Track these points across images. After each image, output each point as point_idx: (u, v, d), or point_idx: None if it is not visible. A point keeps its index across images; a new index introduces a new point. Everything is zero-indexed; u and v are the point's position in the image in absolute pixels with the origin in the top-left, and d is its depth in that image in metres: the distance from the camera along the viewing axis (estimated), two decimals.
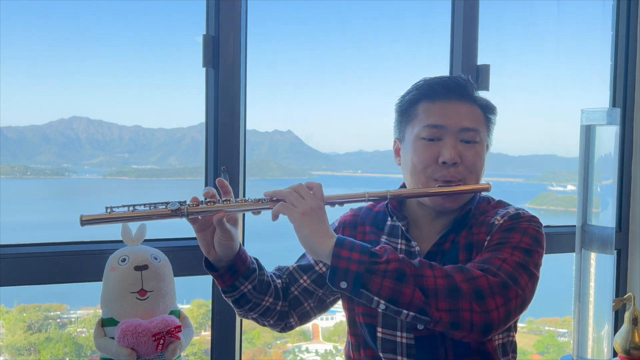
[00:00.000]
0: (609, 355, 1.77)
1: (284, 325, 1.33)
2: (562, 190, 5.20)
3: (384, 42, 7.63)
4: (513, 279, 1.08)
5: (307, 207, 1.08)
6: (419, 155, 1.22)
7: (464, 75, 1.29)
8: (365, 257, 1.03)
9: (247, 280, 1.21)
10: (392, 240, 1.29)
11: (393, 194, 1.19)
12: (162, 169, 5.25)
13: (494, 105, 1.29)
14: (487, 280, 1.05)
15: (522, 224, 1.19)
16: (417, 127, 1.24)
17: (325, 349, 3.96)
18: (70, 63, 5.34)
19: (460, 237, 1.23)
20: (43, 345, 3.20)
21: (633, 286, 2.31)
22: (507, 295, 1.06)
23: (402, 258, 1.06)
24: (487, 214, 1.25)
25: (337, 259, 1.03)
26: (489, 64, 2.05)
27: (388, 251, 1.06)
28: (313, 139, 8.54)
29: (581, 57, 4.86)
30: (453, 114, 1.22)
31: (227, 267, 1.19)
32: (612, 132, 1.74)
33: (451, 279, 1.04)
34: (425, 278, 1.03)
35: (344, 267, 1.03)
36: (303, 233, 1.07)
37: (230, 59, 1.73)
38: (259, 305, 1.24)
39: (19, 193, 4.88)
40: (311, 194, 1.12)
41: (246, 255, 1.22)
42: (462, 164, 1.21)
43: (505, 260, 1.11)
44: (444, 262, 1.21)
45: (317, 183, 1.14)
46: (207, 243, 1.17)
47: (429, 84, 1.26)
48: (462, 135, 1.22)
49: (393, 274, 1.02)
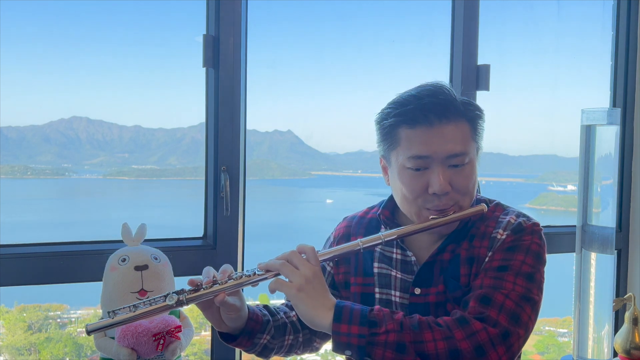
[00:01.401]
0: (609, 355, 1.77)
1: (311, 349, 1.34)
2: (562, 190, 5.20)
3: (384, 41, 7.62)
4: (515, 319, 1.08)
5: (303, 280, 1.07)
6: (407, 187, 1.17)
7: (443, 84, 1.19)
8: (365, 329, 1.04)
9: (265, 333, 1.21)
10: (387, 250, 1.27)
11: (386, 236, 1.17)
12: (162, 169, 5.25)
13: (480, 110, 1.20)
14: (487, 334, 1.05)
15: (524, 240, 1.17)
16: (401, 156, 1.17)
17: (325, 349, 3.96)
18: (70, 63, 5.33)
19: (461, 250, 1.21)
20: (43, 345, 3.20)
21: (633, 286, 2.31)
22: (509, 342, 1.06)
23: (400, 325, 1.05)
24: (487, 222, 1.22)
25: (338, 335, 1.05)
26: (489, 64, 2.05)
27: (386, 318, 1.06)
28: (313, 139, 8.55)
29: (581, 57, 4.85)
30: (437, 140, 1.14)
31: (242, 334, 1.19)
32: (612, 132, 1.74)
33: (451, 340, 1.04)
34: (425, 344, 1.04)
35: (345, 341, 1.05)
36: (301, 309, 1.07)
37: (230, 59, 1.73)
38: (282, 347, 1.26)
39: (19, 193, 4.88)
40: (304, 261, 1.10)
41: (257, 313, 1.21)
42: (453, 191, 1.16)
43: (509, 294, 1.10)
44: (444, 274, 1.20)
45: (309, 247, 1.12)
46: (216, 319, 1.16)
47: (407, 109, 1.15)
48: (449, 162, 1.15)
49: (393, 346, 1.03)
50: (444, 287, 1.20)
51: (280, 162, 6.23)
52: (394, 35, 7.18)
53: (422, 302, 1.21)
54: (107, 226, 4.87)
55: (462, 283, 1.19)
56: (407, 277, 1.24)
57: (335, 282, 1.33)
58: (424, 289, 1.22)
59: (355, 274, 1.30)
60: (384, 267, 1.27)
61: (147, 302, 1.09)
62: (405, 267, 1.25)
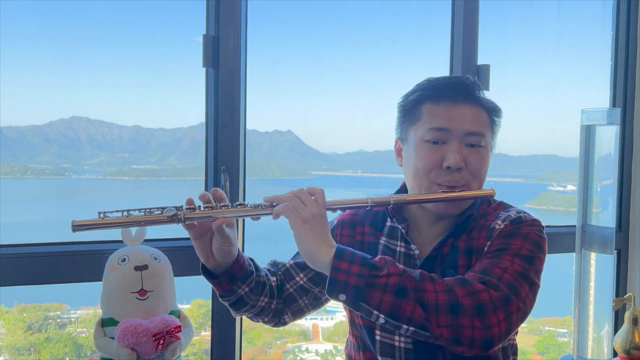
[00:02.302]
0: (609, 355, 1.77)
1: (278, 321, 1.32)
2: (562, 190, 5.20)
3: (383, 41, 7.62)
4: (514, 291, 1.07)
5: (308, 214, 1.06)
6: (422, 159, 1.19)
7: (471, 76, 1.26)
8: (366, 270, 1.02)
9: (245, 284, 1.20)
10: (391, 242, 1.28)
11: (396, 199, 1.17)
12: (162, 169, 5.25)
13: (499, 108, 1.26)
14: (489, 295, 1.04)
15: (524, 229, 1.17)
16: (420, 130, 1.20)
17: (325, 349, 3.96)
18: (70, 63, 5.34)
19: (460, 242, 1.22)
20: (43, 345, 3.20)
21: (633, 286, 2.31)
22: (509, 310, 1.05)
23: (402, 271, 1.04)
24: (487, 217, 1.23)
25: (337, 272, 1.02)
26: (489, 64, 2.05)
27: (389, 263, 1.04)
28: (313, 139, 8.55)
29: (581, 56, 4.86)
30: (458, 117, 1.18)
31: (225, 274, 1.17)
32: (612, 132, 1.74)
33: (452, 294, 1.02)
34: (426, 293, 1.02)
35: (343, 279, 1.01)
36: (303, 241, 1.06)
37: (230, 59, 1.73)
38: (254, 306, 1.24)
39: (19, 193, 4.88)
40: (313, 200, 1.09)
41: (244, 258, 1.21)
42: (466, 169, 1.18)
43: (506, 269, 1.09)
44: (443, 266, 1.20)
45: (319, 189, 1.12)
46: (205, 250, 1.14)
47: (434, 85, 1.21)
48: (467, 139, 1.18)
49: (393, 289, 1.01)
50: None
51: (280, 162, 6.22)
52: (394, 35, 7.18)
53: None
54: None
55: (460, 273, 1.18)
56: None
57: None
58: None
59: None
60: None
61: (143, 210, 1.06)
62: (409, 261, 1.25)
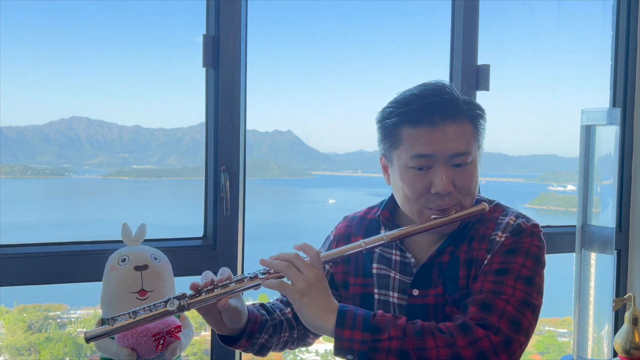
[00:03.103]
0: (609, 356, 1.77)
1: (304, 344, 1.34)
2: (562, 190, 5.20)
3: (383, 41, 7.62)
4: (516, 327, 1.08)
5: (306, 285, 1.07)
6: (409, 187, 1.17)
7: (445, 83, 1.20)
8: (368, 335, 1.04)
9: (262, 333, 1.21)
10: (386, 251, 1.27)
11: (389, 237, 1.16)
12: (162, 169, 5.25)
13: (482, 110, 1.20)
14: (489, 342, 1.05)
15: (524, 242, 1.16)
16: (403, 155, 1.16)
17: (325, 349, 3.96)
18: (70, 63, 5.34)
19: (460, 252, 1.21)
20: (43, 345, 3.20)
21: (633, 286, 2.31)
22: (511, 350, 1.06)
23: (403, 332, 1.05)
24: (486, 224, 1.22)
25: (340, 340, 1.05)
26: (489, 64, 2.05)
27: (389, 324, 1.05)
28: (313, 139, 8.56)
29: (581, 57, 4.86)
30: (440, 140, 1.13)
31: (242, 335, 1.19)
32: (612, 132, 1.74)
33: (454, 347, 1.04)
34: (427, 351, 1.03)
35: (347, 346, 1.04)
36: (303, 314, 1.07)
37: (230, 59, 1.73)
38: (278, 344, 1.26)
39: (19, 193, 4.88)
40: (308, 265, 1.09)
41: (255, 313, 1.21)
42: (455, 190, 1.16)
43: (509, 300, 1.10)
44: (443, 276, 1.20)
45: (314, 251, 1.11)
46: (217, 323, 1.16)
47: (410, 110, 1.15)
48: (452, 161, 1.15)
49: (396, 352, 1.03)
50: (442, 290, 1.19)
51: (280, 162, 6.23)
52: (394, 36, 7.18)
53: (420, 303, 1.21)
54: (107, 226, 4.87)
55: (460, 285, 1.18)
56: (405, 278, 1.24)
57: (335, 281, 1.33)
58: (422, 290, 1.21)
59: (355, 274, 1.30)
60: (383, 268, 1.27)
61: (148, 308, 1.09)
62: (404, 269, 1.25)
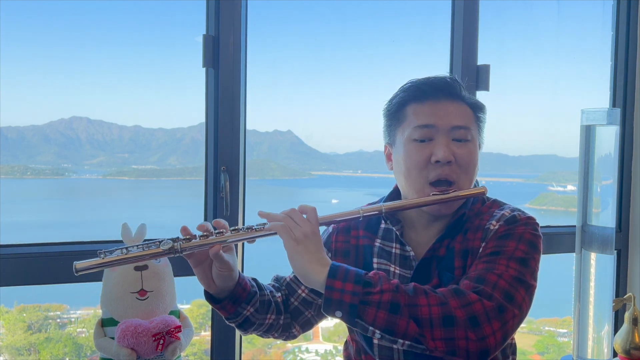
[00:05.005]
0: (609, 356, 1.77)
1: (288, 335, 1.34)
2: (562, 190, 5.20)
3: (384, 41, 7.62)
4: (509, 297, 1.07)
5: (301, 234, 1.08)
6: (411, 158, 1.20)
7: (451, 75, 1.28)
8: (359, 287, 1.04)
9: (249, 305, 1.21)
10: (386, 244, 1.28)
11: (388, 207, 1.18)
12: (162, 169, 5.25)
13: (482, 104, 1.28)
14: (482, 306, 1.04)
15: (518, 229, 1.17)
16: (407, 130, 1.22)
17: (325, 349, 3.96)
18: (70, 63, 5.34)
19: (455, 243, 1.22)
20: (43, 345, 3.20)
21: (633, 286, 2.31)
22: (504, 318, 1.05)
23: (396, 287, 1.05)
24: (482, 216, 1.23)
25: (331, 291, 1.04)
26: (489, 64, 2.05)
27: (382, 279, 1.06)
28: (313, 139, 8.56)
29: (581, 57, 4.86)
30: (443, 113, 1.20)
31: (228, 297, 1.18)
32: (612, 132, 1.74)
33: (446, 306, 1.03)
34: (419, 308, 1.03)
35: (337, 298, 1.04)
36: (296, 262, 1.08)
37: (230, 59, 1.73)
38: (262, 324, 1.25)
39: (19, 193, 4.88)
40: (305, 219, 1.11)
41: (245, 280, 1.21)
42: (455, 163, 1.20)
43: (501, 275, 1.09)
44: (439, 268, 1.21)
45: (310, 207, 1.13)
46: (206, 277, 1.16)
47: (416, 85, 1.24)
48: (453, 134, 1.20)
49: (387, 305, 1.02)
50: (438, 281, 1.20)
51: (280, 162, 6.23)
52: (394, 36, 7.18)
53: None
54: (107, 226, 4.87)
55: (456, 275, 1.19)
56: (405, 272, 1.25)
57: None
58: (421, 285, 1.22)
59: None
60: (383, 263, 1.27)
61: (140, 246, 1.08)
62: (404, 263, 1.25)
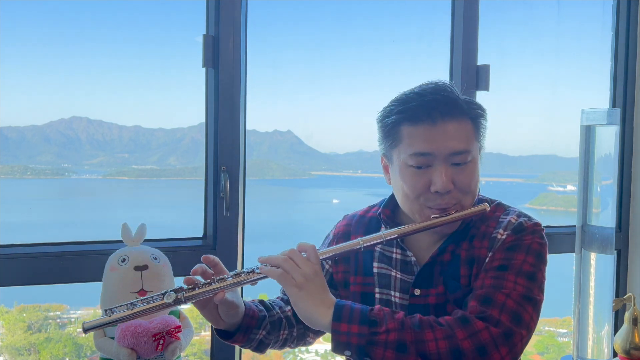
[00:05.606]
0: (609, 356, 1.77)
1: (304, 343, 1.33)
2: (562, 190, 5.20)
3: (383, 41, 7.62)
4: (517, 320, 1.07)
5: (303, 278, 1.07)
6: (409, 185, 1.17)
7: (446, 82, 1.19)
8: (365, 328, 1.03)
9: (260, 329, 1.21)
10: (386, 249, 1.27)
11: (387, 235, 1.16)
12: (162, 169, 5.25)
13: (483, 109, 1.20)
14: (489, 334, 1.04)
15: (526, 239, 1.16)
16: (403, 154, 1.16)
17: (326, 349, 3.96)
18: (70, 63, 5.34)
19: (461, 250, 1.20)
20: (43, 345, 3.20)
21: (633, 286, 2.31)
22: (512, 342, 1.05)
23: (401, 323, 1.04)
24: (488, 222, 1.21)
25: (337, 334, 1.04)
26: (489, 64, 2.05)
27: (387, 317, 1.05)
28: (313, 139, 8.56)
29: (581, 57, 4.85)
30: (440, 138, 1.13)
31: (239, 330, 1.18)
32: (612, 132, 1.74)
33: (453, 339, 1.03)
34: (426, 343, 1.03)
35: (344, 341, 1.04)
36: (300, 308, 1.07)
37: (230, 59, 1.73)
38: (277, 342, 1.26)
39: (19, 193, 4.88)
40: (305, 260, 1.09)
41: (252, 308, 1.21)
42: (455, 189, 1.16)
43: (509, 294, 1.09)
44: (444, 274, 1.20)
45: (310, 245, 1.12)
46: (213, 317, 1.16)
47: (409, 108, 1.15)
48: (452, 159, 1.14)
49: (394, 345, 1.02)
50: (444, 288, 1.19)
51: (280, 162, 6.23)
52: (394, 35, 7.18)
53: (422, 303, 1.21)
54: (107, 226, 4.87)
55: (462, 284, 1.18)
56: (407, 277, 1.24)
57: (334, 281, 1.33)
58: (423, 289, 1.21)
59: (355, 273, 1.29)
60: (383, 267, 1.27)
61: (145, 300, 1.09)
62: (406, 268, 1.24)
